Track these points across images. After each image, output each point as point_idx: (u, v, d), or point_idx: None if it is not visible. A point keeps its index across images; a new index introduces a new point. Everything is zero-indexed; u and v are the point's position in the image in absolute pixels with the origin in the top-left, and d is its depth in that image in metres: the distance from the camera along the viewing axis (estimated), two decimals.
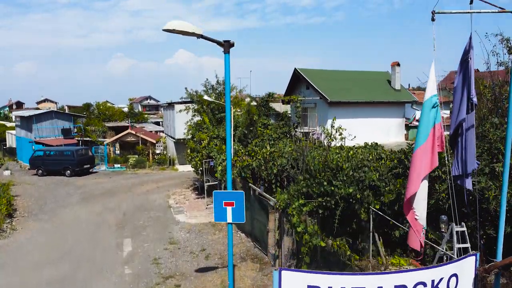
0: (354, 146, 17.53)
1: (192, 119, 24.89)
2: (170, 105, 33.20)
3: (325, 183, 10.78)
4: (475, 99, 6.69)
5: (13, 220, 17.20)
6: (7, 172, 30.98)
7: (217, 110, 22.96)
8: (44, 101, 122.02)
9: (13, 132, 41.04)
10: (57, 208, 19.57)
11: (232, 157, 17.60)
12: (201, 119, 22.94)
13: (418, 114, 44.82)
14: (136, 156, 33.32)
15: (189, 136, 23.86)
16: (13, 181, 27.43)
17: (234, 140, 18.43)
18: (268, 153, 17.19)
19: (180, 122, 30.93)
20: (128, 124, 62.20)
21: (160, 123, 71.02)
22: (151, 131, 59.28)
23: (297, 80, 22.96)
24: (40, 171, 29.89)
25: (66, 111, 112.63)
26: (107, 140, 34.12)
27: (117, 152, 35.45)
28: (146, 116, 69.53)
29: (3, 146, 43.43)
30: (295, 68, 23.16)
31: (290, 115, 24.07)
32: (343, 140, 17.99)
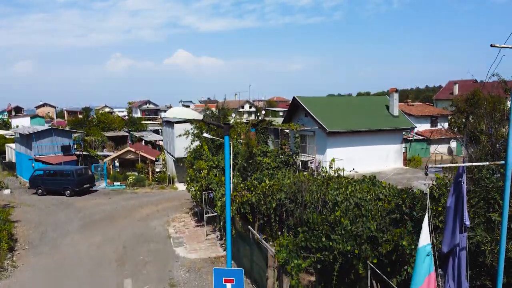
0: (352, 178, 17.69)
1: (191, 143, 25.03)
2: (170, 123, 33.29)
3: (323, 238, 10.93)
4: (467, 222, 6.85)
5: (14, 255, 17.31)
6: (7, 191, 31.10)
7: (217, 136, 23.08)
8: (43, 105, 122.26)
9: (13, 145, 41.08)
10: (57, 238, 19.68)
11: (231, 191, 17.75)
12: (201, 144, 23.08)
13: (418, 128, 44.89)
14: (136, 173, 33.44)
15: (188, 156, 24.03)
16: (13, 201, 27.64)
17: (233, 171, 18.54)
18: (267, 187, 17.34)
19: (180, 141, 31.11)
20: (127, 134, 62.36)
21: (160, 131, 71.15)
22: (150, 142, 59.37)
23: (296, 108, 23.10)
24: (40, 191, 30.03)
25: (65, 116, 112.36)
26: (107, 158, 34.20)
27: (117, 165, 35.50)
28: (145, 124, 69.43)
29: (3, 160, 43.50)
30: (294, 97, 23.30)
31: (288, 132, 24.22)
32: (342, 171, 18.18)
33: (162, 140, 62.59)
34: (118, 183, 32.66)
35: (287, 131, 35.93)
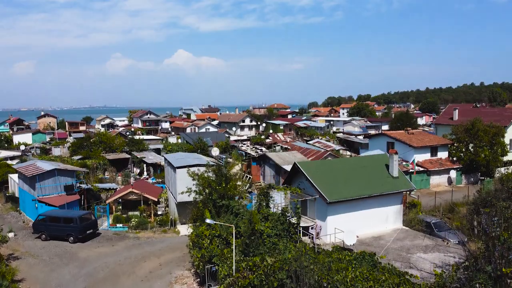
0: (353, 253, 18.00)
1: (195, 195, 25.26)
2: (171, 165, 33.60)
3: None
4: None
5: None
6: (11, 235, 31.41)
7: (219, 198, 23.32)
8: (44, 116, 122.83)
9: (15, 178, 41.33)
10: None
11: (233, 272, 18.05)
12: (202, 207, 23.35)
13: (417, 158, 45.10)
14: (138, 214, 33.77)
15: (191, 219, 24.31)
16: (17, 249, 27.99)
17: (235, 248, 18.83)
18: (268, 266, 17.66)
19: (182, 185, 31.40)
20: (128, 156, 62.65)
21: (161, 150, 71.44)
22: (151, 164, 59.64)
23: (297, 171, 23.41)
24: (43, 236, 30.38)
25: (66, 127, 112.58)
26: (109, 199, 34.53)
27: (120, 201, 35.75)
28: (145, 143, 69.71)
29: (5, 192, 43.74)
30: (294, 162, 23.64)
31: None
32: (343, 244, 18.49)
33: (163, 161, 63.00)
34: (121, 225, 33.00)
35: (287, 168, 36.25)
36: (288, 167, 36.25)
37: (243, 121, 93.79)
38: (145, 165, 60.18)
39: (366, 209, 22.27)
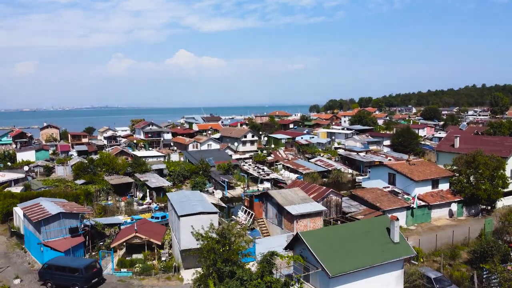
0: None
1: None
2: (175, 210, 33.97)
3: None
4: None
5: None
6: (17, 281, 31.88)
7: (223, 263, 23.60)
8: (47, 127, 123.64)
9: (21, 213, 41.62)
10: None
11: None
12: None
13: (418, 191, 45.39)
14: (142, 258, 34.19)
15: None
16: None
17: None
18: None
19: (185, 234, 31.79)
20: (131, 180, 63.04)
21: (164, 170, 71.89)
22: (154, 189, 60.04)
23: (299, 239, 23.77)
24: (49, 284, 30.84)
25: (69, 139, 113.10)
26: (114, 243, 34.93)
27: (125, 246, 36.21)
28: (148, 163, 70.19)
29: (10, 226, 44.11)
30: (297, 233, 24.02)
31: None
32: None
33: (165, 184, 63.44)
34: (125, 270, 33.42)
35: (289, 210, 36.57)
36: (291, 209, 36.66)
37: (245, 137, 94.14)
38: (147, 191, 60.66)
39: (368, 277, 22.66)
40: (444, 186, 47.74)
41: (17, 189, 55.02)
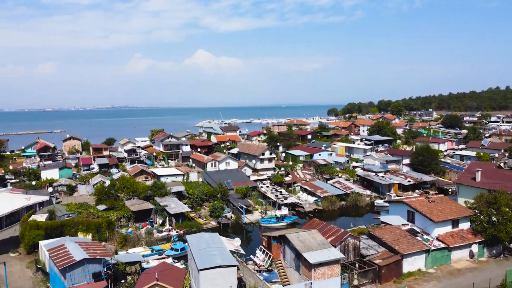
0: None
1: None
2: (194, 259, 34.61)
3: None
4: None
5: None
6: None
7: None
8: (69, 139, 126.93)
9: (47, 253, 42.35)
10: None
11: None
12: None
13: (438, 231, 44.82)
14: None
15: None
16: None
17: None
18: None
19: (206, 286, 32.45)
20: (152, 206, 64.12)
21: (182, 193, 72.90)
22: (174, 215, 61.00)
23: None
24: None
25: (90, 151, 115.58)
26: None
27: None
28: (168, 189, 71.26)
29: (36, 260, 45.54)
30: None
31: None
32: None
33: (185, 209, 64.40)
34: None
35: (307, 257, 36.76)
36: (308, 256, 36.78)
37: (263, 154, 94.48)
38: (167, 218, 61.74)
39: None
40: (464, 225, 47.06)
41: (42, 217, 56.64)
